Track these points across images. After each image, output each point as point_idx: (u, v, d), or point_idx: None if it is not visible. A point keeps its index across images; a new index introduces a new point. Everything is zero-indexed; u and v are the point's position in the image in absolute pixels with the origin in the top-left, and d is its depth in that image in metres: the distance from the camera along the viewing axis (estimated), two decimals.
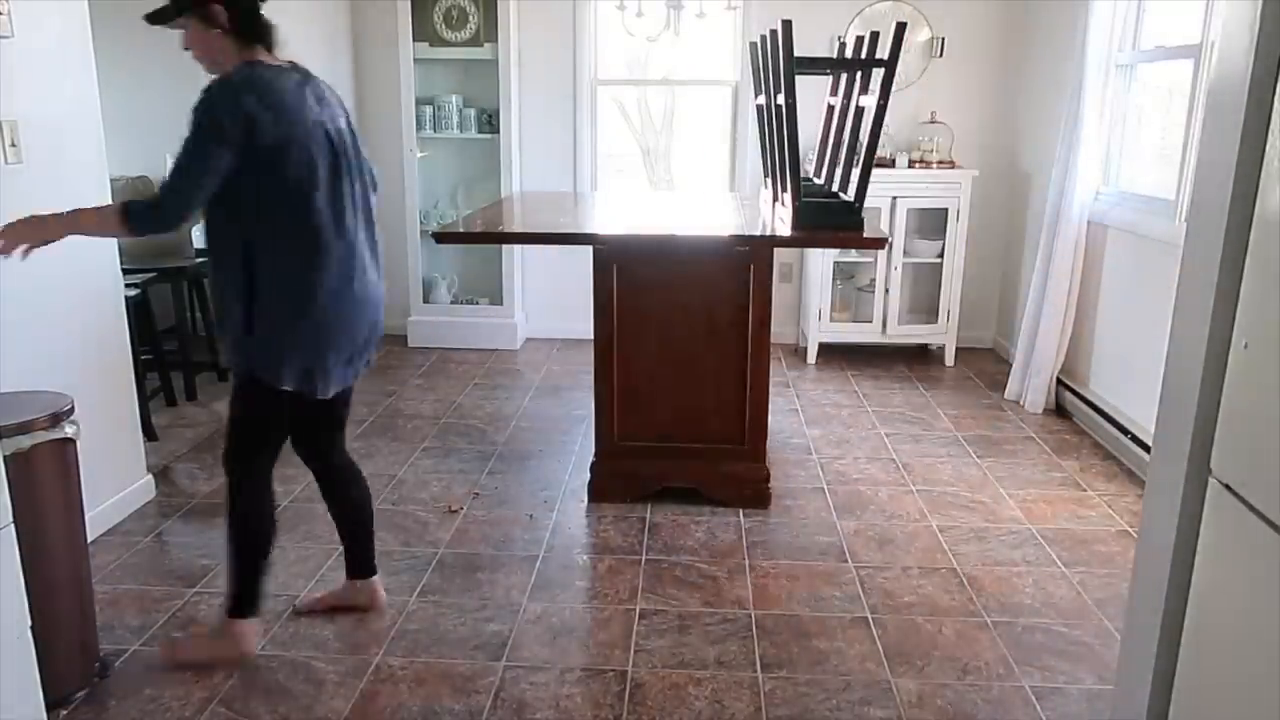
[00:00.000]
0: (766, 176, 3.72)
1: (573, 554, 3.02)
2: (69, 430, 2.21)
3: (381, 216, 5.15)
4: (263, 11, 2.31)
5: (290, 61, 2.36)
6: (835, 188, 3.42)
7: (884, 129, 3.19)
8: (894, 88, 3.02)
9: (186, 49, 2.33)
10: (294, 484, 3.52)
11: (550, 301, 5.65)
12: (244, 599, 2.40)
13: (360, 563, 2.65)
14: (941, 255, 5.06)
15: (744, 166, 5.40)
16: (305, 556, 2.96)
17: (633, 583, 2.82)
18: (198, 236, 5.03)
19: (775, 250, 3.45)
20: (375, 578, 2.67)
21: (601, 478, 3.39)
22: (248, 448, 2.44)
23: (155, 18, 2.40)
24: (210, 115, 2.10)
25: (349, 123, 2.48)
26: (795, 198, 3.10)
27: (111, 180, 3.36)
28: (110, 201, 3.16)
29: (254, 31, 2.26)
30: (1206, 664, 1.40)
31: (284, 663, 2.40)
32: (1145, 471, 1.99)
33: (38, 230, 2.14)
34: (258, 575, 2.41)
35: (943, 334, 5.15)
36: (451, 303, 5.54)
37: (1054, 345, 4.30)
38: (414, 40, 5.12)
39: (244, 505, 2.41)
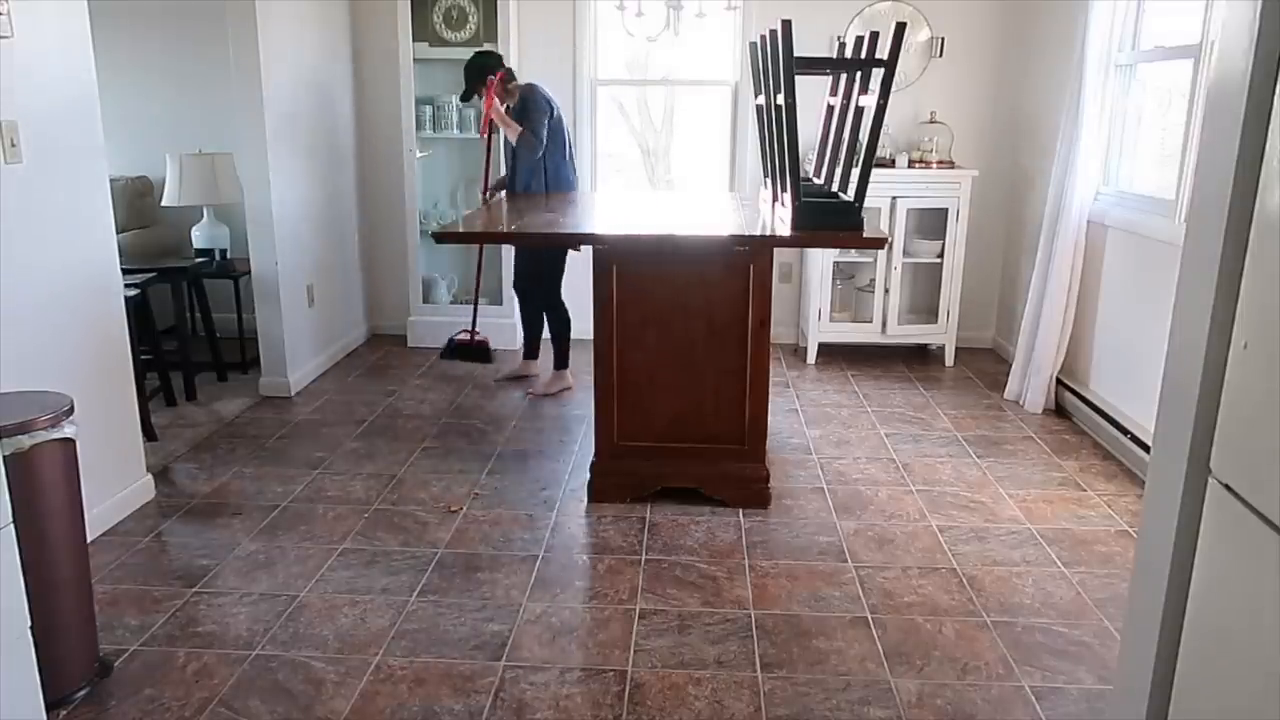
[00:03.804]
0: (766, 176, 3.72)
1: (573, 554, 3.02)
2: (69, 430, 2.21)
3: (381, 216, 5.05)
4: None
5: None
6: (835, 188, 3.42)
7: (884, 129, 3.19)
8: (894, 88, 3.02)
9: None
10: (294, 484, 3.53)
11: None
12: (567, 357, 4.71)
13: (559, 359, 4.71)
14: (941, 255, 5.06)
15: (744, 166, 5.40)
16: (305, 556, 2.97)
17: (633, 583, 2.82)
18: (198, 237, 5.04)
19: (775, 250, 3.45)
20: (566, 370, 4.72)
21: (601, 478, 3.40)
22: (540, 281, 4.64)
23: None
24: None
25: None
26: (795, 198, 3.10)
27: (111, 180, 3.37)
28: (110, 202, 3.19)
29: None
30: (1206, 664, 1.40)
31: (284, 663, 2.40)
32: (1145, 471, 2.00)
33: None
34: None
35: (942, 334, 5.16)
36: (451, 303, 5.54)
37: (1054, 345, 4.30)
38: (414, 40, 5.12)
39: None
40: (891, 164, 4.95)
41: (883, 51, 3.03)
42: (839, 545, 3.08)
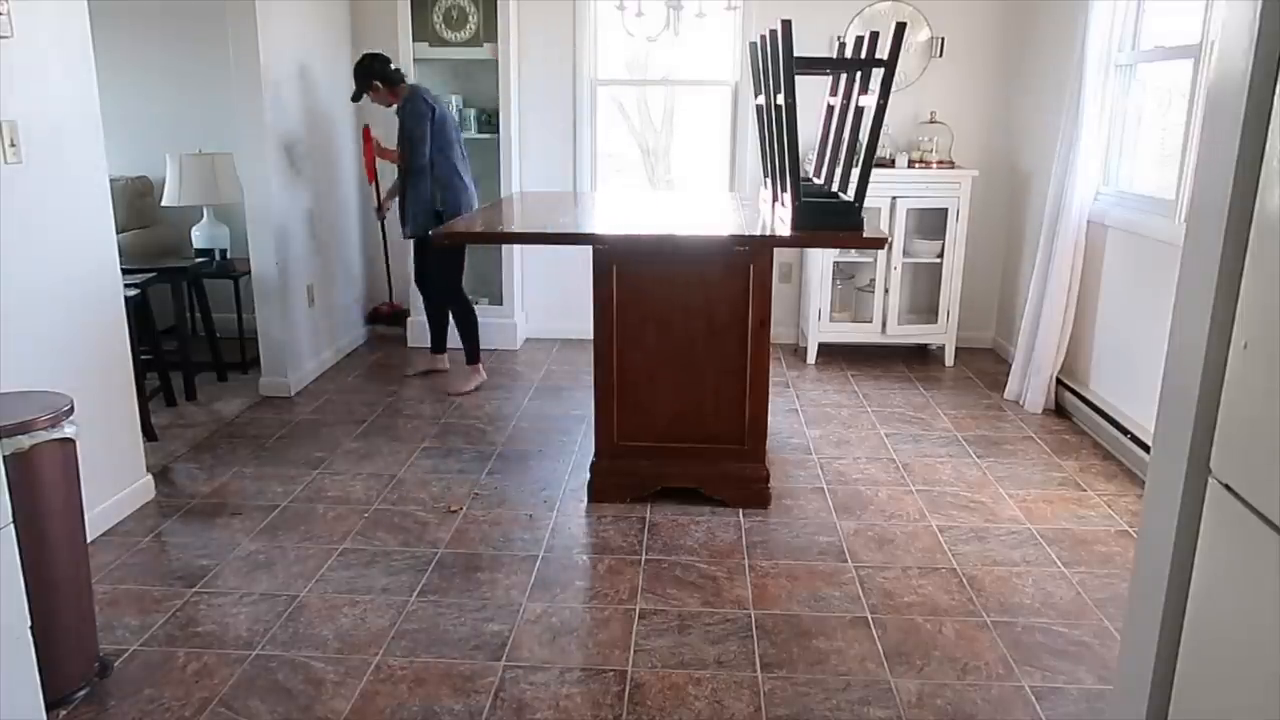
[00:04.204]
0: (766, 176, 3.72)
1: (573, 554, 3.02)
2: (69, 430, 2.21)
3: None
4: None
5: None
6: (835, 188, 3.42)
7: (884, 129, 3.19)
8: (894, 88, 3.02)
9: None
10: (294, 484, 3.53)
11: (550, 301, 5.65)
12: (476, 352, 4.74)
13: (471, 354, 4.76)
14: (941, 255, 5.06)
15: (744, 166, 5.40)
16: (305, 556, 2.97)
17: (633, 583, 2.82)
18: (198, 237, 5.04)
19: (775, 250, 3.45)
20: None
21: (601, 478, 3.40)
22: (446, 281, 4.68)
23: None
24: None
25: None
26: (795, 198, 3.10)
27: (111, 180, 3.36)
28: (110, 202, 3.19)
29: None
30: (1206, 664, 1.40)
31: (284, 663, 2.40)
32: (1145, 471, 2.00)
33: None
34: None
35: (942, 334, 5.16)
36: None
37: (1054, 345, 4.30)
38: (414, 40, 5.12)
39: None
40: (891, 164, 4.95)
41: (883, 51, 3.02)
42: (839, 545, 3.08)
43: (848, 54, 3.90)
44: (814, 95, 4.01)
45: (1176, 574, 1.47)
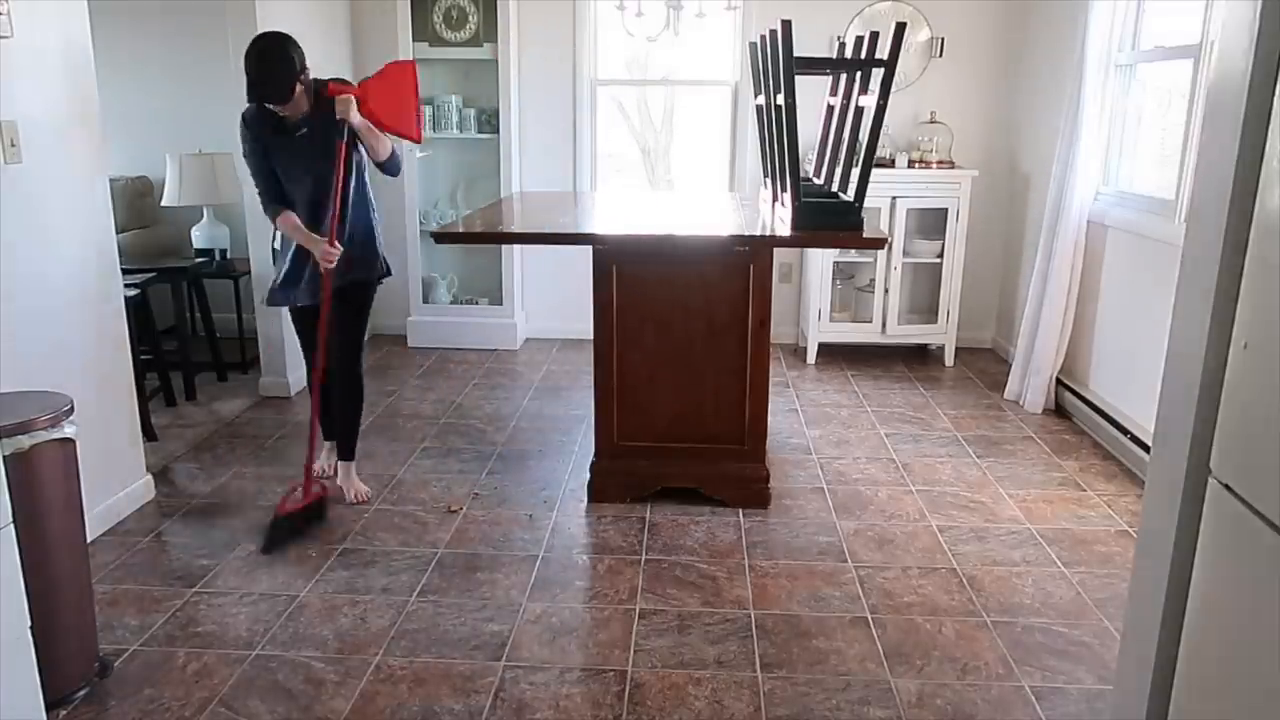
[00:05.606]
0: (766, 176, 3.72)
1: (573, 554, 3.02)
2: (69, 430, 2.21)
3: (381, 216, 5.00)
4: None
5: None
6: (835, 188, 3.42)
7: (884, 129, 3.19)
8: (894, 88, 3.02)
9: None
10: None
11: (550, 301, 5.65)
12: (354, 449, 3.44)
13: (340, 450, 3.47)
14: (941, 255, 5.06)
15: (744, 166, 5.40)
16: (305, 556, 2.97)
17: (632, 583, 2.82)
18: (198, 237, 5.04)
19: (775, 250, 3.45)
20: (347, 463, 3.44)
21: (601, 478, 3.39)
22: (362, 345, 3.39)
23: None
24: None
25: None
26: (795, 198, 3.10)
27: (111, 180, 3.36)
28: (110, 202, 3.19)
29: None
30: (1206, 664, 1.40)
31: (284, 663, 2.40)
32: (1145, 471, 1.99)
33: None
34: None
35: (942, 334, 5.15)
36: (451, 303, 5.54)
37: (1054, 345, 4.30)
38: (414, 40, 5.12)
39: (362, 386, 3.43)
40: (891, 164, 4.95)
41: (883, 51, 3.03)
42: (839, 545, 3.08)
43: (848, 54, 3.90)
44: (814, 95, 4.00)
45: (1176, 574, 1.47)
